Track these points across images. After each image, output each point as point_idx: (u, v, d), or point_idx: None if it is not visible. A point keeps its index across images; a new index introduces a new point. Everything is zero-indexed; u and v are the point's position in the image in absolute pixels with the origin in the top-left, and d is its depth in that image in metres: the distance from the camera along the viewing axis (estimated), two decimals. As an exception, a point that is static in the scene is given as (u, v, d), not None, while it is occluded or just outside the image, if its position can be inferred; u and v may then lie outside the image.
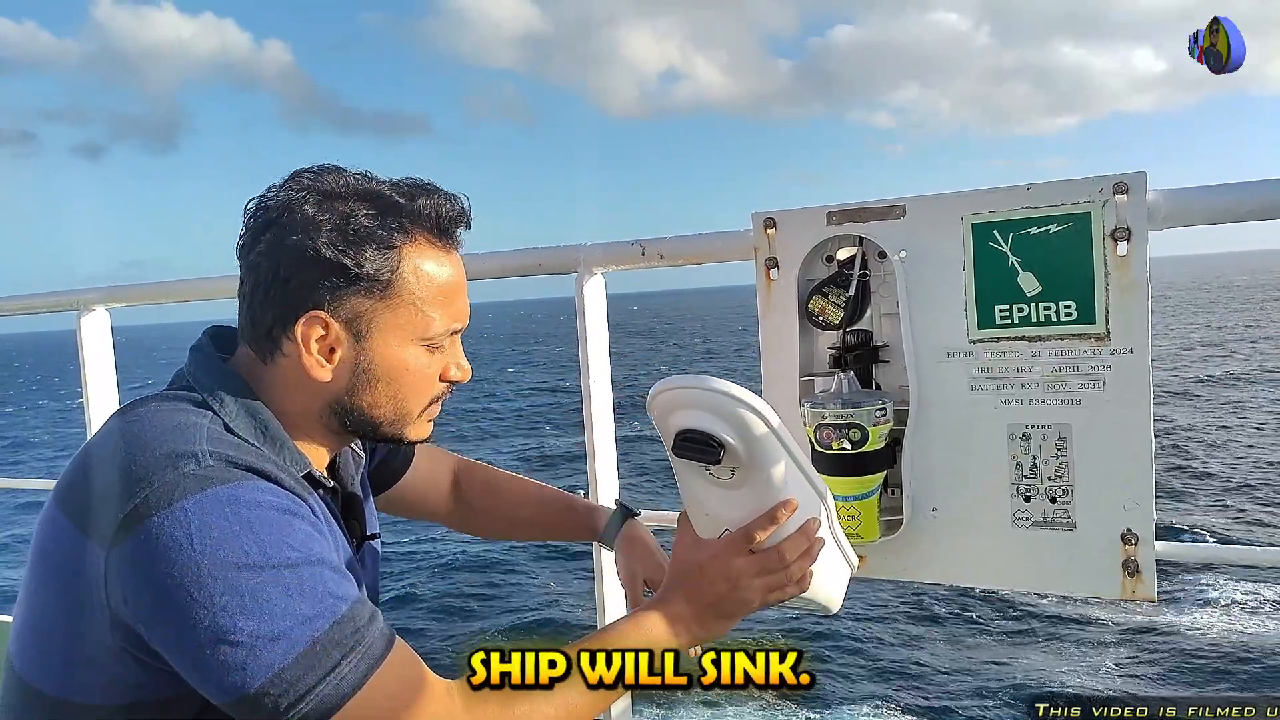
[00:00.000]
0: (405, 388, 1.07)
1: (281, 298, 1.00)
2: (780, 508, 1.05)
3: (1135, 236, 1.18)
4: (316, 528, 0.96)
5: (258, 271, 1.01)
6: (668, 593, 1.10)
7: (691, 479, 1.08)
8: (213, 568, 0.86)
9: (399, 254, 1.02)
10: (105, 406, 2.18)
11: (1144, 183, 1.18)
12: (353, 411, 1.06)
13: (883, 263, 1.36)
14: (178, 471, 0.90)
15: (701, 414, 1.02)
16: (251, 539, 0.88)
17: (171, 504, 0.88)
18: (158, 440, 0.94)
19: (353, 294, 1.01)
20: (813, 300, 1.37)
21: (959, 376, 1.30)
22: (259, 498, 0.91)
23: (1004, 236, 1.25)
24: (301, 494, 0.98)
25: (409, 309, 1.03)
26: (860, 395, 1.34)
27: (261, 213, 1.02)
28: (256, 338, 1.04)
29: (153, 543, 0.86)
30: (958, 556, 1.35)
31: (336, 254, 0.99)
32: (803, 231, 1.38)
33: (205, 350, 1.08)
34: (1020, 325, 1.26)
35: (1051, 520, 1.28)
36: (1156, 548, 1.23)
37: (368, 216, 1.01)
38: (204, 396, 1.01)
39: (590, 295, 1.59)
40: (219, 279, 2.01)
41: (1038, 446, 1.27)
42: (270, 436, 1.01)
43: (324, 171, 1.04)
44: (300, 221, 0.99)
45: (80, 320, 2.13)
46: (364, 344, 1.03)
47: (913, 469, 1.34)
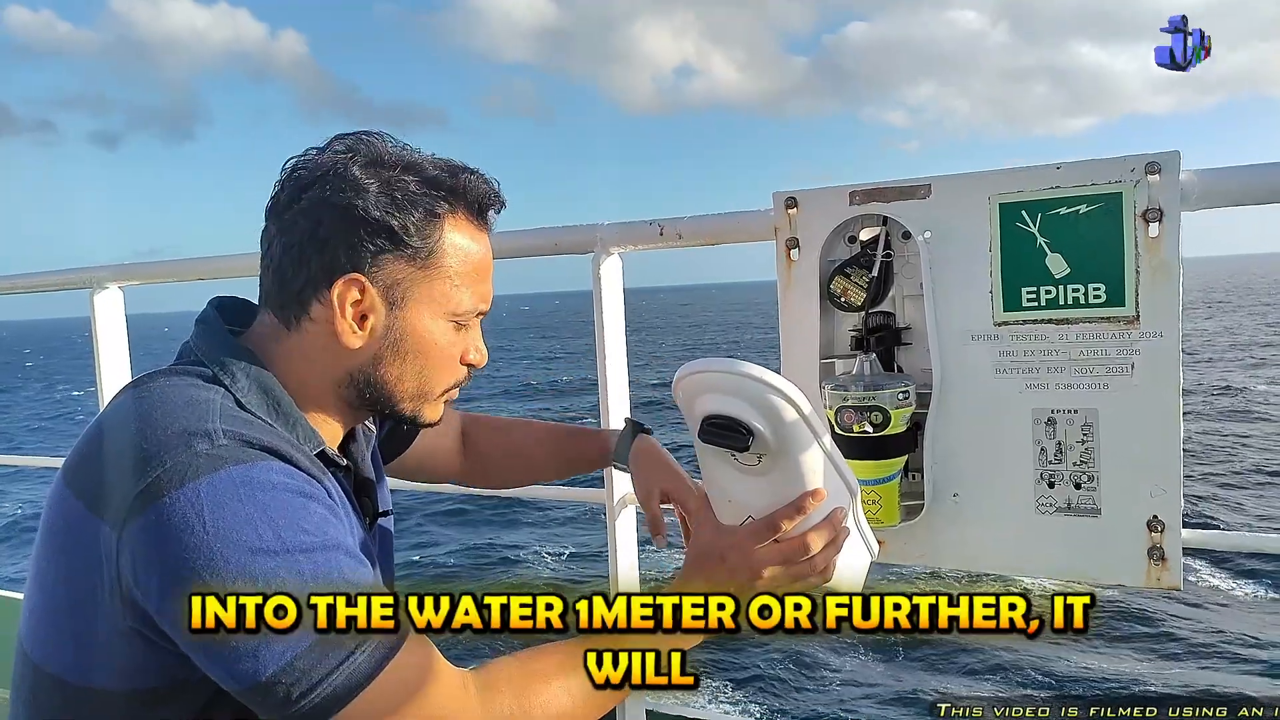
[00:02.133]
0: (431, 363, 1.05)
1: (319, 257, 0.98)
2: (808, 497, 1.03)
3: (1167, 217, 1.15)
4: (332, 510, 0.94)
5: (293, 230, 0.99)
6: (687, 579, 1.08)
7: (715, 464, 1.06)
8: (226, 551, 0.84)
9: (442, 225, 1.01)
10: (119, 386, 2.18)
11: (1177, 162, 1.15)
12: (375, 384, 1.04)
13: (906, 243, 1.33)
14: (190, 451, 0.88)
15: (730, 399, 1.00)
16: (266, 522, 0.86)
17: (184, 484, 0.86)
18: (169, 417, 0.92)
19: (394, 260, 0.99)
20: (835, 281, 1.35)
21: (983, 360, 1.28)
22: (273, 479, 0.89)
23: (1032, 217, 1.22)
24: (317, 475, 0.96)
25: (444, 282, 1.02)
26: (882, 378, 1.32)
27: (303, 170, 1.00)
28: (284, 300, 1.01)
29: (165, 523, 0.85)
30: (979, 542, 1.33)
31: (384, 215, 0.97)
32: (825, 211, 1.36)
33: (211, 322, 1.06)
34: (1047, 308, 1.23)
35: (1076, 507, 1.26)
36: (1183, 535, 1.20)
37: (414, 183, 0.99)
38: (213, 371, 0.99)
39: (607, 276, 1.57)
40: (233, 257, 2.00)
41: (1063, 431, 1.25)
42: (283, 413, 0.99)
43: (367, 136, 1.02)
44: (347, 180, 0.97)
45: (94, 298, 2.12)
46: (397, 313, 1.01)
47: (935, 453, 1.32)
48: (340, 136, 1.03)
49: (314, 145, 1.03)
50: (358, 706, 0.85)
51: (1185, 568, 1.21)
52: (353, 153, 0.99)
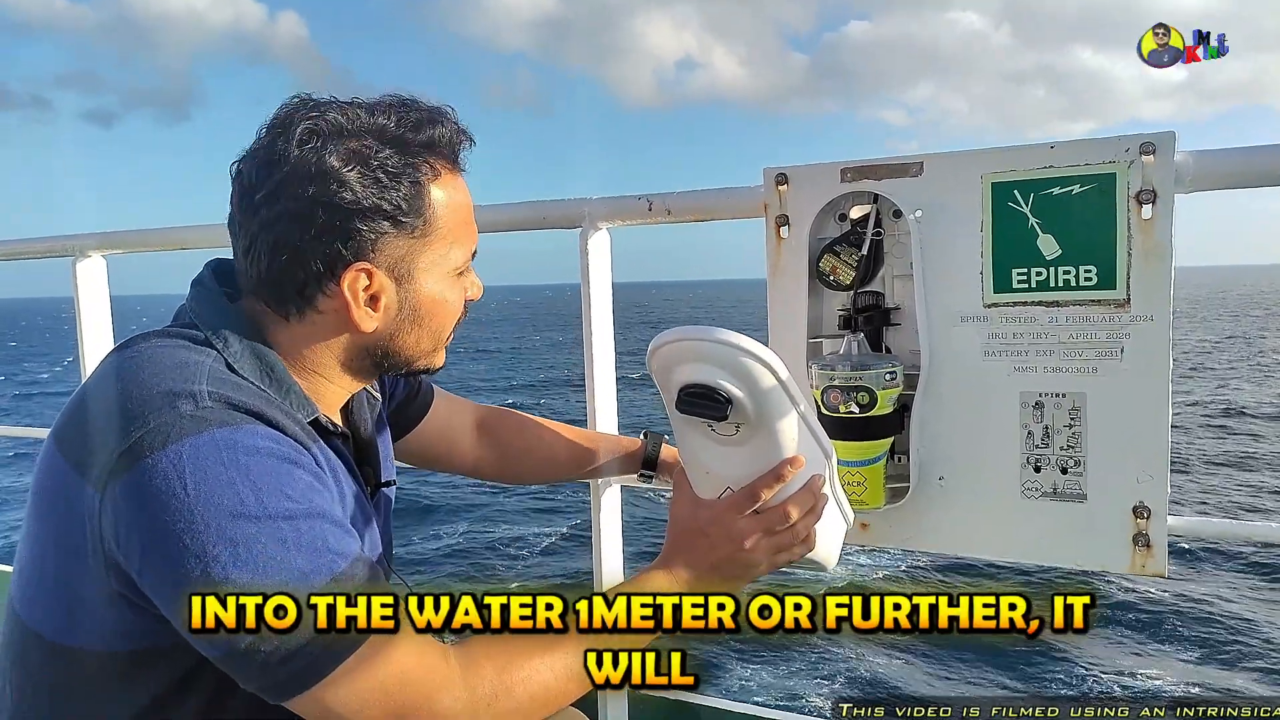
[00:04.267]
0: (443, 320, 1.06)
1: (318, 255, 0.96)
2: (786, 465, 1.02)
3: (1161, 199, 1.14)
4: (319, 479, 0.93)
5: (277, 229, 0.96)
6: (669, 555, 1.07)
7: (692, 435, 1.04)
8: (207, 515, 0.83)
9: (427, 190, 1.00)
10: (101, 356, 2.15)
11: (1172, 143, 1.13)
12: (392, 353, 1.05)
13: (897, 222, 1.32)
14: (175, 411, 0.87)
15: (707, 367, 0.98)
16: (248, 486, 0.85)
17: (167, 445, 0.84)
18: (155, 378, 0.90)
19: (392, 238, 0.98)
20: (824, 259, 1.33)
21: (972, 341, 1.26)
22: (258, 443, 0.88)
23: (1024, 197, 1.21)
24: (305, 442, 0.95)
25: (442, 243, 1.02)
26: (870, 358, 1.30)
27: (273, 166, 0.96)
28: (281, 296, 1.00)
29: (146, 484, 0.84)
30: (964, 526, 1.32)
31: (375, 200, 0.96)
32: (815, 188, 1.34)
33: (208, 285, 1.05)
34: (1038, 290, 1.22)
35: (1062, 491, 1.24)
36: (1170, 522, 1.19)
37: (391, 155, 0.97)
38: (207, 334, 0.97)
39: (595, 251, 1.55)
40: (217, 227, 1.97)
41: (1050, 415, 1.24)
42: (276, 379, 0.98)
43: (319, 109, 0.98)
44: (328, 175, 0.94)
45: (76, 266, 2.09)
46: (406, 286, 1.01)
47: (921, 435, 1.30)
48: (296, 112, 0.98)
49: (265, 123, 0.99)
50: (337, 675, 0.84)
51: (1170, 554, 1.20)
52: (319, 138, 0.95)
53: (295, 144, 0.95)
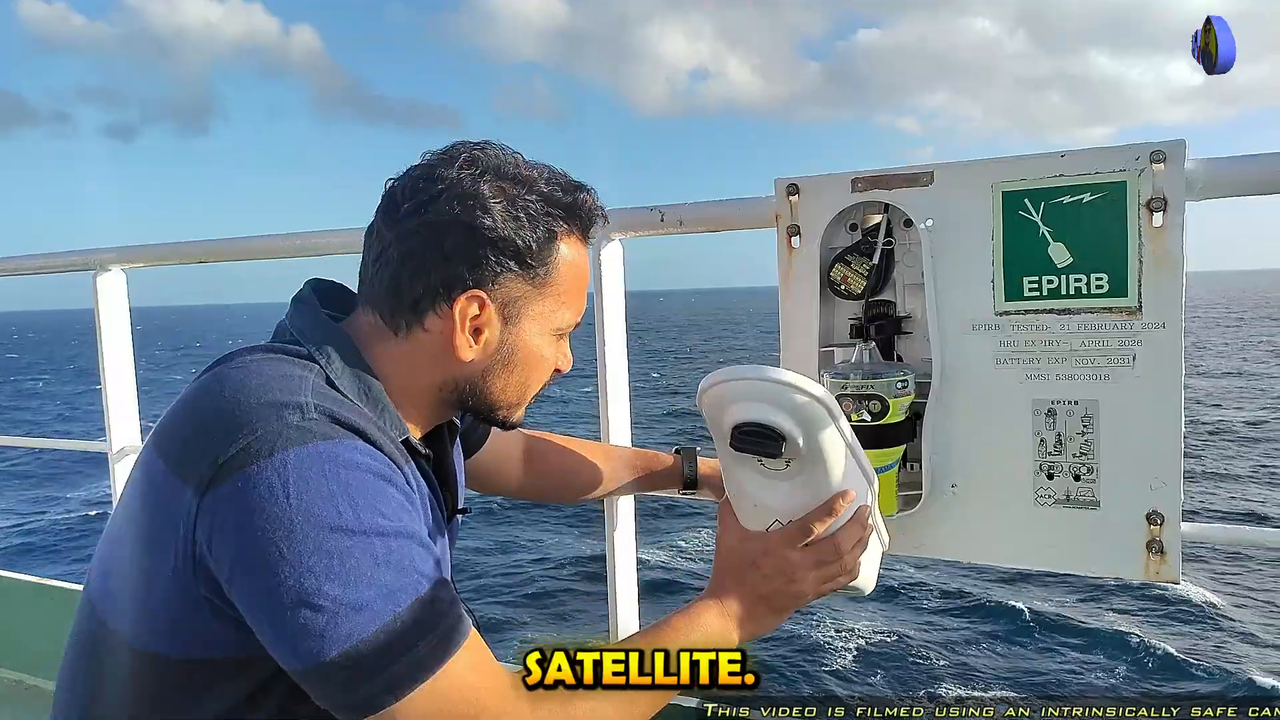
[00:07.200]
0: (533, 375, 1.08)
1: (441, 271, 0.99)
2: (839, 499, 1.03)
3: (1172, 207, 1.14)
4: (409, 498, 0.94)
5: (413, 240, 0.99)
6: (720, 587, 1.07)
7: (740, 470, 1.06)
8: (305, 526, 0.84)
9: (558, 244, 1.03)
10: (121, 369, 2.18)
11: (1183, 151, 1.13)
12: (478, 393, 1.06)
13: (908, 231, 1.32)
14: (281, 421, 0.88)
15: (761, 405, 0.99)
16: (346, 501, 0.86)
17: (272, 454, 0.86)
18: (262, 388, 0.92)
19: (514, 277, 1.01)
20: (835, 268, 1.34)
21: (984, 349, 1.27)
22: (357, 459, 0.89)
23: (1035, 205, 1.21)
24: (399, 461, 0.96)
25: (554, 299, 1.05)
26: (882, 366, 1.31)
27: (427, 180, 1.00)
28: (396, 308, 1.02)
29: (249, 491, 0.85)
30: (976, 534, 1.32)
31: (511, 234, 0.99)
32: (827, 198, 1.35)
33: (309, 303, 1.07)
34: (1049, 298, 1.22)
35: (1075, 499, 1.25)
36: (1183, 529, 1.19)
37: (537, 202, 1.01)
38: (310, 350, 0.99)
39: (608, 262, 1.56)
40: (234, 240, 2.00)
41: (1063, 423, 1.24)
42: (373, 398, 1.00)
43: (488, 148, 1.03)
44: (475, 198, 0.98)
45: (96, 280, 2.12)
46: (510, 328, 1.03)
47: (933, 443, 1.31)
48: (461, 145, 1.03)
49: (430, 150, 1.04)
50: (413, 700, 0.85)
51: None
52: (478, 167, 1.00)
53: (455, 168, 0.99)
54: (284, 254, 1.94)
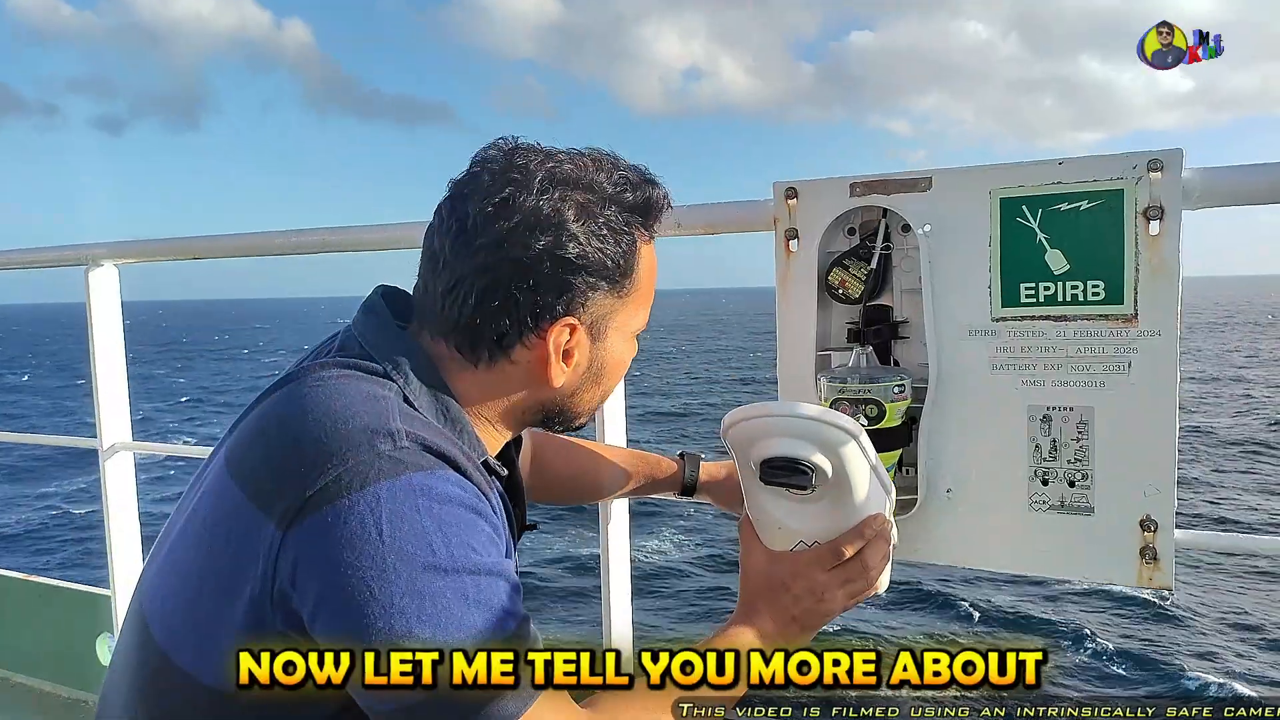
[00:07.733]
0: (615, 381, 1.07)
1: (529, 303, 0.94)
2: (870, 522, 1.04)
3: (1168, 215, 1.15)
4: (496, 530, 0.90)
5: (494, 273, 0.93)
6: (752, 610, 1.06)
7: (765, 496, 1.06)
8: (399, 564, 0.80)
9: (638, 249, 1.00)
10: (112, 365, 2.17)
11: (1180, 160, 1.14)
12: (567, 410, 1.04)
13: (906, 236, 1.33)
14: (373, 451, 0.84)
15: (791, 441, 0.99)
16: (440, 538, 0.82)
17: (364, 486, 0.82)
18: (350, 410, 0.88)
19: (602, 295, 0.98)
20: (833, 273, 1.34)
21: (980, 355, 1.27)
22: (450, 491, 0.86)
23: (1033, 212, 1.22)
24: (485, 489, 0.92)
25: (636, 304, 1.03)
26: (878, 371, 1.31)
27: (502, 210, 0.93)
28: (476, 343, 0.97)
29: (339, 526, 0.81)
30: (971, 539, 1.32)
31: (598, 256, 0.95)
32: (825, 202, 1.35)
33: (381, 314, 1.02)
34: (1046, 304, 1.23)
35: (1069, 504, 1.25)
36: (1176, 536, 1.20)
37: (615, 213, 0.97)
38: (385, 367, 0.95)
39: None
40: (228, 237, 1.99)
41: (1058, 429, 1.25)
42: (451, 418, 0.96)
43: (557, 155, 0.98)
44: (558, 225, 0.93)
45: (88, 275, 2.11)
46: (598, 345, 1.01)
47: (929, 448, 1.31)
48: (528, 155, 0.97)
49: (484, 159, 0.97)
50: None
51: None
52: (555, 188, 0.94)
53: (534, 193, 0.94)
54: (279, 251, 1.93)
